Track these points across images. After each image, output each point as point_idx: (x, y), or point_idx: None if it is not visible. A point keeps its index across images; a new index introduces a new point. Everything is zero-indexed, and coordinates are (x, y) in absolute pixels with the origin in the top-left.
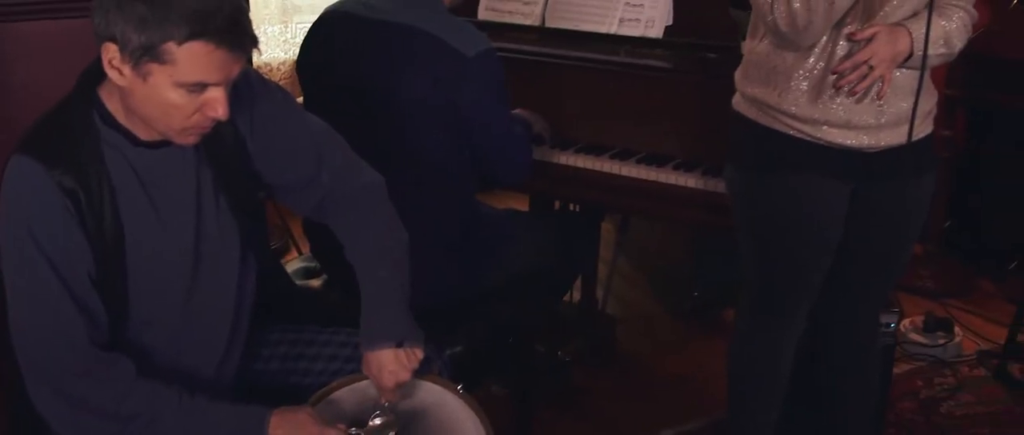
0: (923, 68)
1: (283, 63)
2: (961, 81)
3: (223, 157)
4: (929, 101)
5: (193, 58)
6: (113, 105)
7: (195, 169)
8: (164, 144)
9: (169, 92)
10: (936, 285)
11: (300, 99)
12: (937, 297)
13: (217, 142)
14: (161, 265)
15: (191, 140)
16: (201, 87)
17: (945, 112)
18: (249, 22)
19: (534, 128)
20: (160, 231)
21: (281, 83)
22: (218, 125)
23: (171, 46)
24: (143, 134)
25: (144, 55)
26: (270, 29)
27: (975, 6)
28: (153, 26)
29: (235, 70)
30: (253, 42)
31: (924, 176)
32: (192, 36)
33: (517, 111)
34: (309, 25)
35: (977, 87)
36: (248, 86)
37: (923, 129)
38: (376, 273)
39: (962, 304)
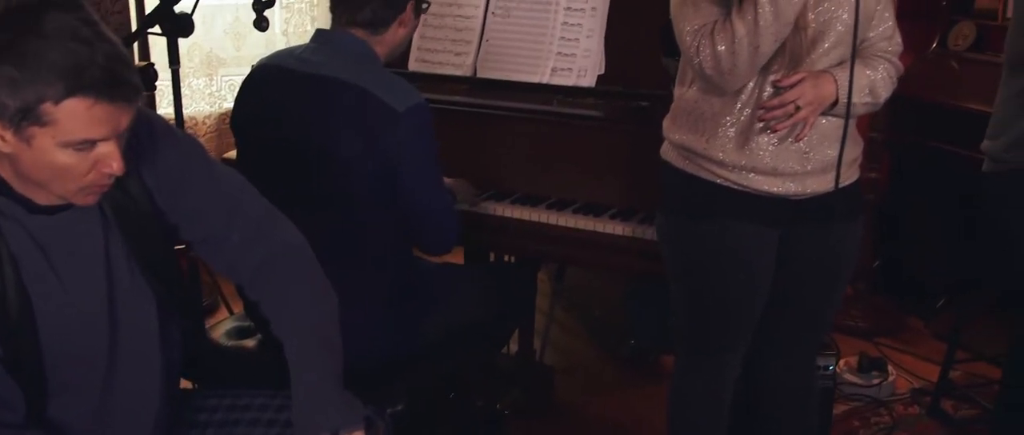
0: (847, 116)
1: (208, 116)
2: (885, 124)
3: (131, 214)
4: (855, 149)
5: (73, 116)
6: (5, 173)
7: (102, 231)
8: (64, 208)
9: (57, 154)
10: (867, 325)
11: (232, 153)
12: (869, 337)
13: (123, 199)
14: (75, 336)
15: (91, 200)
16: (89, 144)
17: (870, 154)
18: (130, 69)
19: (458, 197)
20: (69, 301)
21: (206, 137)
22: (124, 180)
23: (48, 106)
24: (41, 199)
25: (23, 119)
26: (195, 82)
27: (899, 55)
28: (25, 88)
29: (123, 121)
30: (136, 90)
31: (852, 222)
32: (68, 93)
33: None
34: (235, 78)
35: (900, 129)
36: (152, 136)
37: (849, 176)
38: (305, 354)
39: (893, 342)
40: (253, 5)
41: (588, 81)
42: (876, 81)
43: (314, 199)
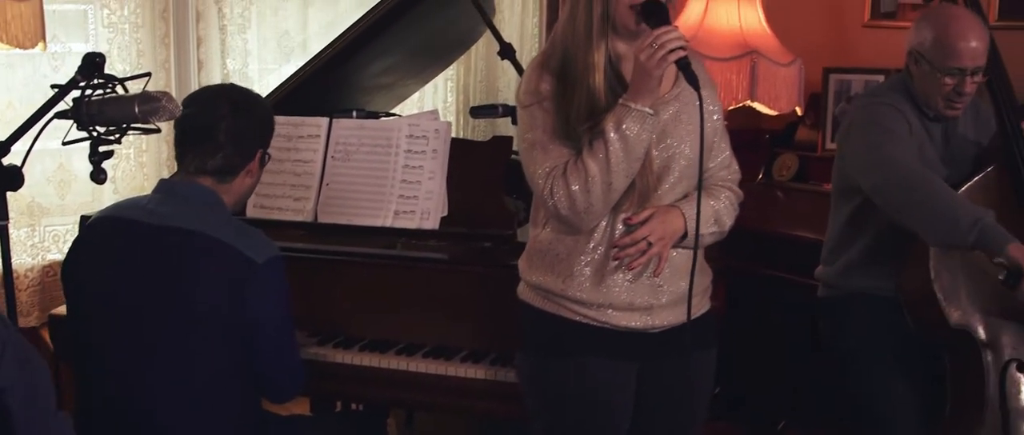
0: (696, 247)
1: (31, 269)
2: (719, 253)
3: None
4: (705, 279)
5: None
6: None
7: None
8: None
9: None
10: None
11: (61, 309)
12: None
13: None
14: None
15: None
16: None
17: None
18: None
19: None
20: None
21: (30, 290)
22: None
23: None
24: None
25: None
26: (16, 233)
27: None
28: None
29: None
30: None
31: (706, 351)
32: None
33: None
34: (59, 228)
35: (734, 258)
36: None
37: (701, 306)
38: None
39: None
40: (90, 157)
41: (431, 223)
42: (720, 210)
43: (158, 359)
